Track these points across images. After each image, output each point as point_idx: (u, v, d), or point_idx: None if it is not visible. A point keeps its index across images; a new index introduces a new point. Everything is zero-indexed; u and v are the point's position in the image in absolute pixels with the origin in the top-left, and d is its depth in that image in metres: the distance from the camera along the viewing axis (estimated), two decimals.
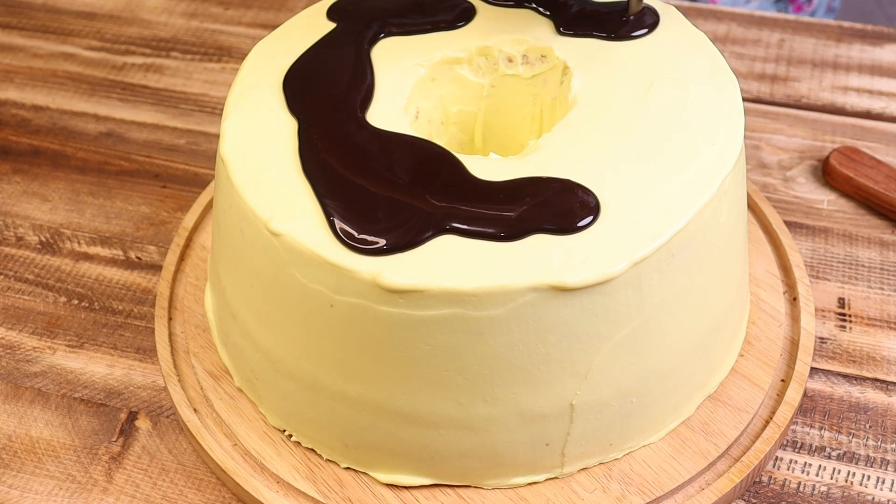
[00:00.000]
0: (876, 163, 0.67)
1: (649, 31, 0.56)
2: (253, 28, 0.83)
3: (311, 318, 0.48)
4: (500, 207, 0.47)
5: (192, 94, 0.77)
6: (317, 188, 0.48)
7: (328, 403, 0.50)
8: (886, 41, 0.80)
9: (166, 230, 0.67)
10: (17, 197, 0.69)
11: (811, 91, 0.76)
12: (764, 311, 0.58)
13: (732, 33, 0.81)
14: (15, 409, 0.57)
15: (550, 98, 0.57)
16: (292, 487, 0.51)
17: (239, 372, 0.55)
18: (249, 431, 0.54)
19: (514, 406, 0.48)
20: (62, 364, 0.59)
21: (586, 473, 0.51)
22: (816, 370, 0.58)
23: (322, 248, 0.46)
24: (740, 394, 0.54)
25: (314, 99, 0.52)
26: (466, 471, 0.50)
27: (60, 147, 0.73)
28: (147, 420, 0.57)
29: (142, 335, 0.61)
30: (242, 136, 0.51)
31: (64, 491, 0.53)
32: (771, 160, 0.70)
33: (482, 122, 0.59)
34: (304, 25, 0.57)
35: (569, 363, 0.47)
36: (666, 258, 0.47)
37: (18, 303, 0.63)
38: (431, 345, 0.46)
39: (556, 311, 0.45)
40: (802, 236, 0.65)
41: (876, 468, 0.54)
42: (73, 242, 0.66)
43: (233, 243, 0.51)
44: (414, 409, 0.48)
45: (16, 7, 0.85)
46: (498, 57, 0.57)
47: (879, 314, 0.60)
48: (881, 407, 0.56)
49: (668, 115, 0.51)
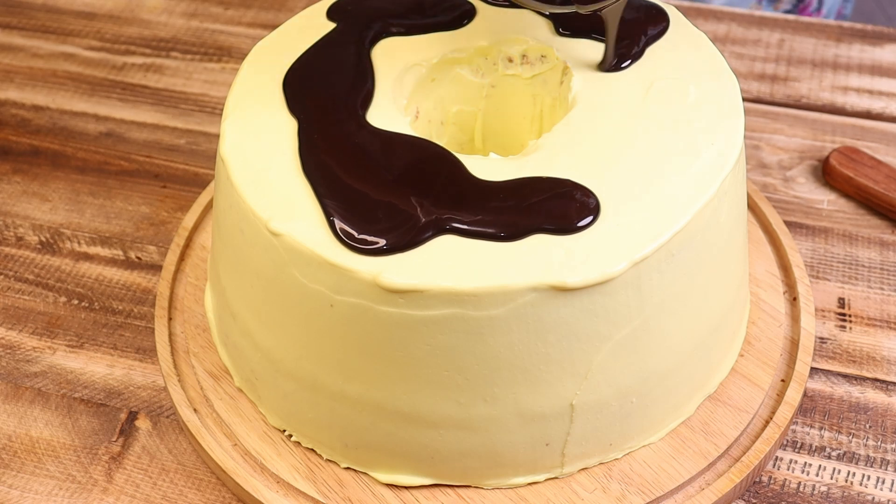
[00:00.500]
0: (876, 163, 0.67)
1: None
2: (253, 28, 0.83)
3: (311, 318, 0.48)
4: (500, 207, 0.47)
5: (192, 94, 0.77)
6: (317, 188, 0.48)
7: (328, 403, 0.50)
8: (886, 41, 0.80)
9: (166, 230, 0.67)
10: (17, 197, 0.69)
11: (811, 91, 0.76)
12: (764, 311, 0.58)
13: (732, 33, 0.81)
14: (15, 409, 0.57)
15: (550, 98, 0.57)
16: (292, 487, 0.51)
17: (239, 372, 0.55)
18: (249, 431, 0.54)
19: (514, 406, 0.48)
20: (62, 364, 0.59)
21: (586, 473, 0.51)
22: (816, 370, 0.58)
23: (322, 248, 0.46)
24: (740, 394, 0.54)
25: (314, 99, 0.52)
26: (466, 471, 0.50)
27: (60, 147, 0.73)
28: (147, 420, 0.57)
29: (142, 335, 0.61)
30: (242, 136, 0.51)
31: (64, 491, 0.53)
32: (771, 160, 0.70)
33: (482, 122, 0.59)
34: (304, 25, 0.57)
35: (569, 363, 0.47)
36: (666, 258, 0.47)
37: (18, 303, 0.63)
38: (431, 345, 0.46)
39: (556, 311, 0.45)
40: (802, 236, 0.65)
41: (876, 468, 0.54)
42: (73, 242, 0.66)
43: (233, 243, 0.51)
44: (414, 409, 0.48)
45: (16, 7, 0.85)
46: (498, 57, 0.57)
47: (879, 314, 0.60)
48: (881, 407, 0.56)
49: (668, 116, 0.51)
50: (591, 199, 0.47)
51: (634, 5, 0.57)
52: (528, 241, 0.46)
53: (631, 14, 0.56)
